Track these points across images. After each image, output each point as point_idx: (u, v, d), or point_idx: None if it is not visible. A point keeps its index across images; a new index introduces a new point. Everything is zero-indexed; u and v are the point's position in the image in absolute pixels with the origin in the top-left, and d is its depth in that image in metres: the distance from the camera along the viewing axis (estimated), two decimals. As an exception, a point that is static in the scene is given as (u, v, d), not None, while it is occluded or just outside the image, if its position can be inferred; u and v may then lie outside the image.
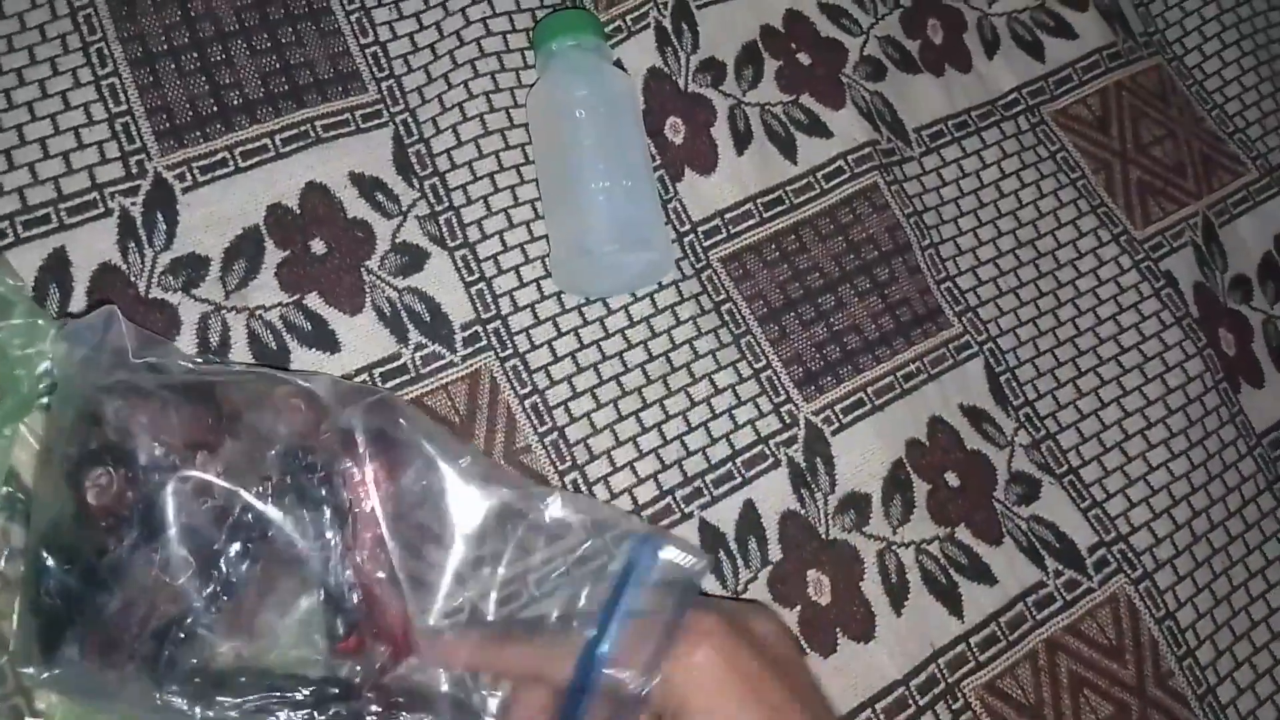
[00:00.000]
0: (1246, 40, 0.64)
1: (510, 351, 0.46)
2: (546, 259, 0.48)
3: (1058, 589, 0.49)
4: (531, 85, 0.50)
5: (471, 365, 0.46)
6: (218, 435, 0.39)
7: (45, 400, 0.41)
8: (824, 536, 0.47)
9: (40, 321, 0.41)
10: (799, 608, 0.46)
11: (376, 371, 0.45)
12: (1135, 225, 0.57)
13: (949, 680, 0.46)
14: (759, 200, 0.52)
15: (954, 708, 0.46)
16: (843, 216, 0.52)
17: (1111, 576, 0.49)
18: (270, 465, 0.39)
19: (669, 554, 0.37)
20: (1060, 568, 0.49)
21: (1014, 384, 0.52)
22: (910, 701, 0.45)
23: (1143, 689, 0.48)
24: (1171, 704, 0.48)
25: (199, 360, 0.41)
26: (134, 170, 0.46)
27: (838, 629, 0.46)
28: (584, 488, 0.45)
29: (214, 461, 0.38)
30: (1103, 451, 0.52)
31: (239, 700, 0.36)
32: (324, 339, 0.45)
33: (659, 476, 0.46)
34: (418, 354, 0.46)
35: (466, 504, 0.39)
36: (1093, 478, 0.51)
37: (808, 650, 0.45)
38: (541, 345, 0.47)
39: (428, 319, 0.46)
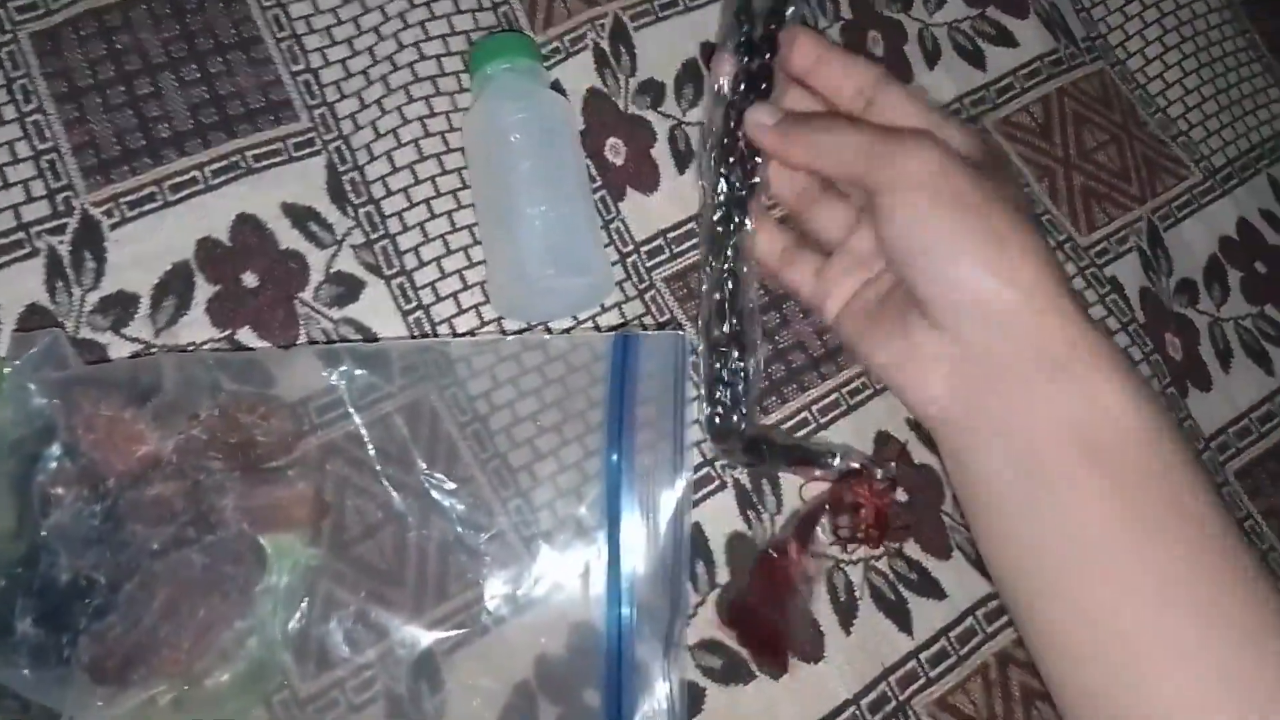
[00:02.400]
0: (1188, 43, 0.65)
1: (450, 380, 0.46)
2: (485, 285, 0.48)
3: (1008, 601, 0.48)
4: (467, 109, 0.50)
5: (409, 398, 0.45)
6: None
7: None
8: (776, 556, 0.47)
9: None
10: (748, 630, 0.46)
11: (313, 405, 0.44)
12: (1080, 232, 0.57)
13: (900, 698, 0.46)
14: (701, 218, 0.52)
15: (906, 726, 0.46)
16: (785, 232, 0.52)
17: (1062, 587, 0.49)
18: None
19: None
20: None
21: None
22: (862, 721, 0.45)
23: (1095, 699, 0.48)
24: (1124, 713, 0.48)
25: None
26: (61, 208, 0.45)
27: (788, 651, 0.46)
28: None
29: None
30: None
31: None
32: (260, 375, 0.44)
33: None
34: (357, 385, 0.45)
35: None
36: (1041, 488, 0.51)
37: (758, 674, 0.45)
38: (483, 373, 0.47)
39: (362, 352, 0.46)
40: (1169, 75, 0.64)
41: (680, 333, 0.44)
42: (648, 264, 0.51)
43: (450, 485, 0.42)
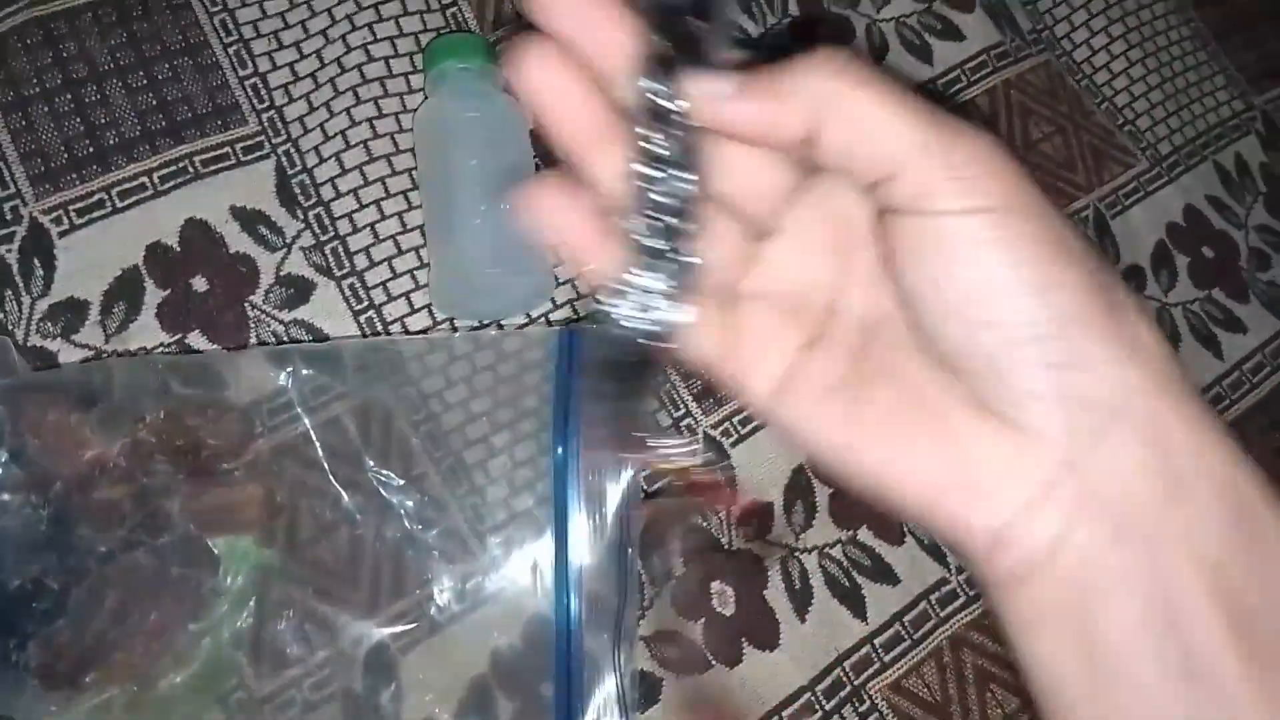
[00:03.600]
0: (1134, 33, 0.66)
1: (402, 378, 0.46)
2: (428, 281, 0.48)
3: (960, 585, 0.49)
4: (417, 109, 0.50)
5: (361, 398, 0.45)
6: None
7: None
8: (726, 547, 0.47)
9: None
10: (703, 620, 0.46)
11: (265, 406, 0.45)
12: (1027, 221, 0.58)
13: (855, 683, 0.47)
14: (652, 214, 0.52)
15: (860, 710, 0.46)
16: (735, 227, 0.53)
17: (1013, 570, 0.50)
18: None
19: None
20: (963, 563, 0.50)
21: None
22: (817, 706, 0.46)
23: (1047, 680, 0.49)
24: (1076, 693, 0.49)
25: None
26: (8, 216, 0.45)
27: (743, 639, 0.46)
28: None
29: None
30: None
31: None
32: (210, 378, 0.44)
33: (557, 497, 0.46)
34: (307, 385, 0.45)
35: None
36: (992, 473, 0.52)
37: (713, 662, 0.46)
38: (436, 371, 0.47)
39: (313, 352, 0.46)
40: (1115, 65, 0.65)
41: None
42: (600, 261, 0.51)
43: (399, 482, 0.42)
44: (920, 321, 0.27)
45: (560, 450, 0.42)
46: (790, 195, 0.30)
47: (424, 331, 0.48)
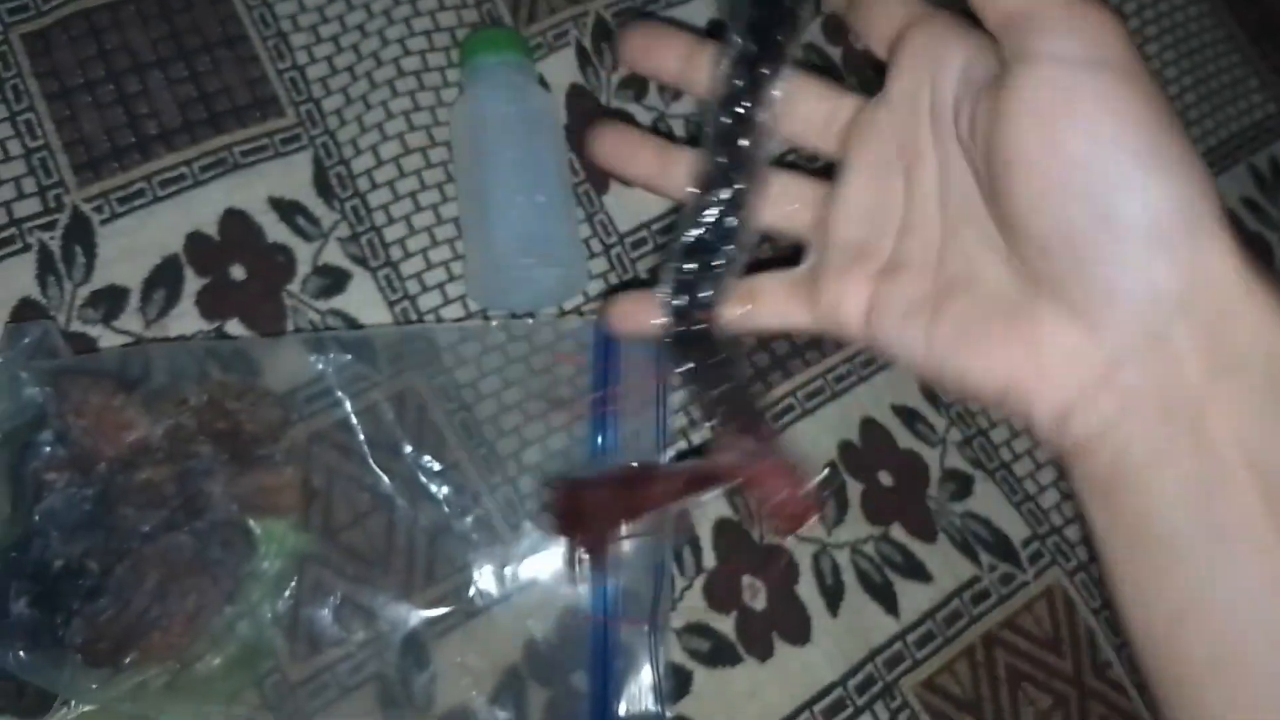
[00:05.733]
0: (1168, 35, 0.65)
1: (436, 368, 0.46)
2: (463, 271, 0.48)
3: (993, 583, 0.49)
4: (452, 104, 0.51)
5: (396, 386, 0.46)
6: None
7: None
8: (758, 542, 0.47)
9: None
10: (735, 613, 0.46)
11: (302, 393, 0.45)
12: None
13: (887, 679, 0.46)
14: (685, 210, 0.53)
15: (892, 706, 0.46)
16: (768, 222, 0.53)
17: (1046, 569, 0.50)
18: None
19: None
20: (995, 562, 0.49)
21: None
22: (848, 702, 0.46)
23: (1081, 679, 0.48)
24: (1110, 693, 0.48)
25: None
26: (52, 204, 0.46)
27: (774, 633, 0.46)
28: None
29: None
30: (1034, 446, 0.52)
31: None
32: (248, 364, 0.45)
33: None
34: (344, 372, 0.46)
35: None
36: (1024, 472, 0.52)
37: (745, 657, 0.45)
38: (470, 361, 0.47)
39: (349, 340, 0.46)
40: (1149, 66, 0.64)
41: None
42: (632, 255, 0.51)
43: (437, 467, 0.43)
44: (1013, 199, 0.28)
45: (599, 439, 0.42)
46: (848, 129, 0.36)
47: (457, 322, 0.48)
